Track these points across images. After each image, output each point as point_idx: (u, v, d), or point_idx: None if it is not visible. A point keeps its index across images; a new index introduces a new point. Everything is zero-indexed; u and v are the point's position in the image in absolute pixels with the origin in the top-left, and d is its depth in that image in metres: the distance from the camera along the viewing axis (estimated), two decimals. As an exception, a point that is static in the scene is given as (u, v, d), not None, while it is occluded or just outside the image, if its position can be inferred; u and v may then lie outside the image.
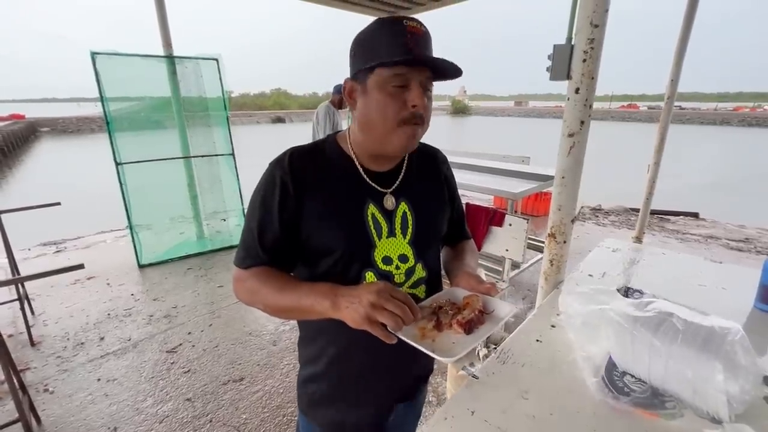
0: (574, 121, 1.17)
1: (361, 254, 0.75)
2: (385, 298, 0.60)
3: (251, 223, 0.75)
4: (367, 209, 0.76)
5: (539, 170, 3.61)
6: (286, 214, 0.72)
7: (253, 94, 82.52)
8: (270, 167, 0.75)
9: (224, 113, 3.93)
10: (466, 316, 0.70)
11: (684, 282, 1.34)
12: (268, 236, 0.73)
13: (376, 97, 0.68)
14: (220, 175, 4.08)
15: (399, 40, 0.64)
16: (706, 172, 11.27)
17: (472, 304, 0.73)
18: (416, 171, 0.84)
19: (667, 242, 4.47)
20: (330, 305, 0.64)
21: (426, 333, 0.69)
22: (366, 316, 0.59)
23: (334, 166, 0.77)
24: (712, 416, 0.73)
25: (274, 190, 0.72)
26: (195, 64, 3.76)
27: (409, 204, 0.80)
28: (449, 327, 0.70)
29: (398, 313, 0.59)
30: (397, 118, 0.68)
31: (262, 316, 2.80)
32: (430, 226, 0.84)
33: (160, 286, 3.26)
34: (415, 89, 0.67)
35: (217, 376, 2.19)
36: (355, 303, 0.61)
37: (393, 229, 0.78)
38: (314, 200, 0.73)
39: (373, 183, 0.78)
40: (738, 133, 30.48)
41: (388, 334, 0.60)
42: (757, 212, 6.40)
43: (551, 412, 0.78)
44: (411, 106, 0.67)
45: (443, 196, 0.89)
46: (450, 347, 0.66)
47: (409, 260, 0.80)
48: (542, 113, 63.69)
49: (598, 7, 1.07)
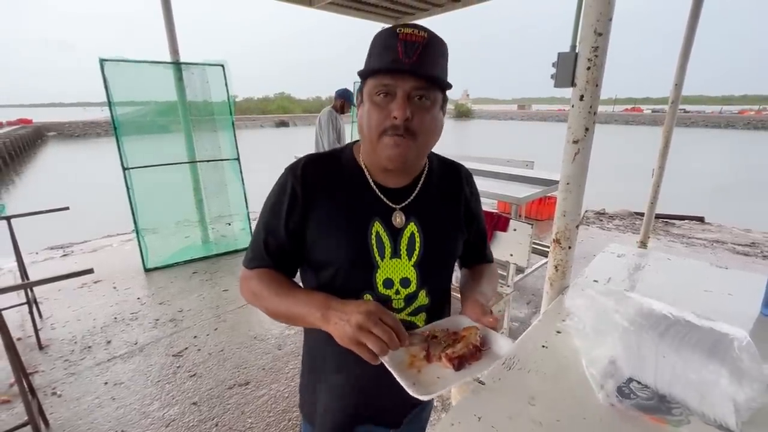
0: (579, 128, 1.17)
1: (361, 274, 0.73)
2: (373, 321, 0.58)
3: (260, 226, 0.76)
4: (371, 226, 0.73)
5: (543, 175, 3.62)
6: (292, 221, 0.73)
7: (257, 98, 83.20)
8: (284, 173, 0.76)
9: (230, 118, 3.96)
10: (457, 351, 0.66)
11: (690, 288, 1.34)
12: (273, 241, 0.75)
13: (366, 107, 0.68)
14: (225, 179, 4.11)
15: (388, 49, 0.64)
16: (711, 176, 11.21)
17: (468, 338, 0.69)
18: (434, 190, 0.81)
19: (673, 246, 4.45)
20: (320, 317, 0.64)
21: (415, 362, 0.66)
22: (352, 336, 0.59)
23: (346, 176, 0.76)
24: (719, 424, 0.74)
25: (284, 197, 0.73)
26: (201, 70, 3.80)
27: (418, 225, 0.76)
28: (438, 359, 0.66)
29: (384, 338, 0.58)
30: (379, 129, 0.66)
31: (266, 320, 2.81)
32: (440, 251, 0.79)
33: (165, 290, 3.28)
34: (399, 99, 0.64)
35: (223, 380, 2.20)
36: (343, 321, 0.60)
37: (398, 249, 0.75)
38: (321, 210, 0.73)
39: (383, 197, 0.75)
40: (743, 136, 30.28)
41: (373, 356, 0.59)
42: (763, 216, 6.35)
43: (558, 419, 0.78)
44: (393, 116, 0.65)
45: (459, 218, 0.84)
46: (434, 381, 0.62)
47: (411, 285, 0.76)
48: (545, 116, 63.64)
49: (602, 16, 1.08)
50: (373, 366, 0.61)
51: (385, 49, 0.65)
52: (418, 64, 0.63)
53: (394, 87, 0.65)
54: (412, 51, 0.63)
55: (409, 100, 0.65)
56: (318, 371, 0.85)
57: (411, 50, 0.63)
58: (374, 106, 0.67)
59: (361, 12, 4.37)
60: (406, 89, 0.65)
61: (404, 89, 0.65)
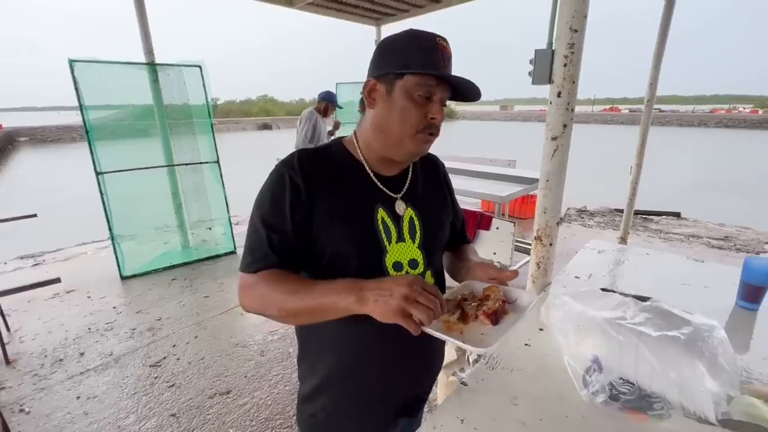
0: (557, 125, 1.18)
1: (372, 259, 0.74)
2: (418, 291, 0.58)
3: (258, 224, 0.72)
4: (377, 213, 0.76)
5: (525, 173, 3.65)
6: (298, 214, 0.71)
7: (239, 101, 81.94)
8: (277, 168, 0.74)
9: (208, 120, 3.87)
10: (491, 306, 0.69)
11: (668, 281, 1.35)
12: (278, 238, 0.70)
13: (401, 102, 0.70)
14: (205, 183, 4.02)
15: (432, 54, 0.68)
16: (687, 173, 11.58)
17: (494, 295, 0.73)
18: (421, 178, 0.86)
19: (651, 242, 4.56)
20: (355, 300, 0.61)
21: (452, 326, 0.68)
22: (399, 308, 0.58)
23: (343, 169, 0.77)
24: (699, 416, 0.74)
25: (284, 190, 0.71)
26: (178, 72, 3.70)
27: (415, 210, 0.81)
28: (475, 318, 0.69)
29: (430, 306, 0.58)
30: (417, 126, 0.71)
31: (249, 326, 2.74)
32: (437, 232, 0.85)
33: (143, 298, 3.17)
34: (437, 103, 0.71)
35: (203, 390, 2.13)
36: (385, 296, 0.59)
37: (401, 233, 0.78)
38: (325, 201, 0.72)
39: (383, 187, 0.78)
40: (715, 134, 31.46)
41: (417, 327, 0.59)
42: (736, 211, 6.58)
43: (541, 418, 0.77)
44: (431, 117, 0.71)
45: (447, 201, 0.91)
46: (479, 338, 0.65)
47: (419, 266, 0.79)
48: (527, 117, 64.79)
49: (577, 13, 1.08)
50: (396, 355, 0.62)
51: (427, 53, 0.69)
52: (459, 78, 0.70)
53: (434, 91, 0.70)
54: (447, 62, 0.70)
55: (442, 105, 0.72)
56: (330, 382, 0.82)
57: (446, 62, 0.70)
58: (414, 104, 0.70)
59: (341, 12, 4.34)
60: (444, 96, 0.72)
61: (442, 96, 0.71)
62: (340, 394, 0.81)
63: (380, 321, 0.60)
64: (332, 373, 0.81)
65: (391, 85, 0.70)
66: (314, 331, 0.81)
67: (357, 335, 0.78)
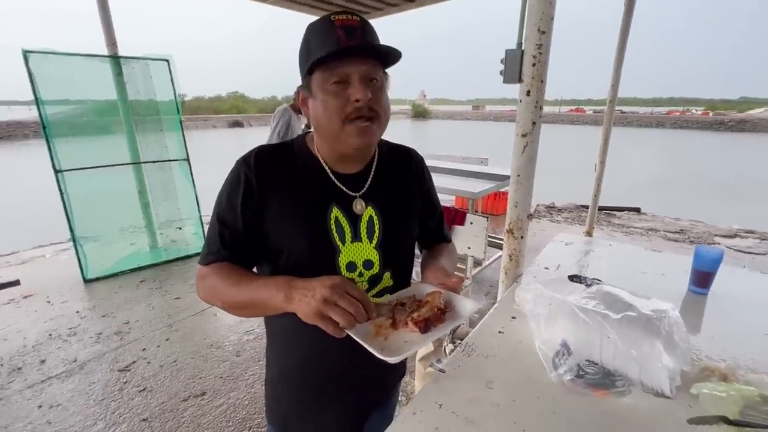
0: (527, 122, 1.23)
1: (324, 259, 0.73)
2: (338, 294, 0.57)
3: (214, 219, 0.74)
4: (330, 213, 0.74)
5: (497, 170, 3.76)
6: (249, 211, 0.71)
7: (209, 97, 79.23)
8: (236, 165, 0.74)
9: (177, 117, 3.75)
10: (422, 314, 0.66)
11: (628, 270, 1.45)
12: (229, 233, 0.72)
13: (320, 99, 0.67)
14: (174, 181, 3.88)
15: (329, 34, 0.63)
16: (646, 171, 12.24)
17: (432, 302, 0.70)
18: (386, 173, 0.82)
19: (614, 235, 4.80)
20: (284, 298, 0.61)
21: (381, 331, 0.66)
22: (317, 310, 0.56)
23: (300, 166, 0.76)
24: (656, 391, 0.80)
25: (238, 187, 0.71)
26: (143, 65, 3.56)
27: (376, 209, 0.78)
28: (405, 325, 0.66)
29: (351, 311, 0.56)
30: (342, 116, 0.66)
31: (223, 326, 2.69)
32: (399, 232, 0.81)
33: (109, 302, 3.04)
34: (356, 82, 0.64)
35: (177, 393, 2.07)
36: (308, 296, 0.58)
37: (358, 233, 0.75)
38: (278, 199, 0.72)
39: (341, 185, 0.76)
40: (671, 134, 33.41)
41: (338, 330, 0.57)
42: (690, 206, 7.04)
43: (514, 399, 0.81)
44: (354, 100, 0.64)
45: (414, 200, 0.86)
46: (401, 346, 0.63)
47: (375, 266, 0.77)
48: (498, 117, 66.34)
49: (545, 15, 1.14)
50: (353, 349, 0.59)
51: (324, 36, 0.64)
52: (363, 45, 0.64)
53: (347, 72, 0.64)
54: (353, 34, 0.63)
55: (364, 82, 0.65)
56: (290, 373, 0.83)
57: (351, 33, 0.63)
58: (330, 95, 0.65)
59: (315, 9, 4.30)
60: (361, 72, 0.65)
61: (359, 72, 0.65)
62: (306, 382, 0.83)
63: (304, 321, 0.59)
64: (294, 363, 0.82)
65: (309, 86, 0.68)
66: (277, 320, 0.81)
67: (316, 327, 0.78)
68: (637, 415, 0.75)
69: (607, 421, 0.75)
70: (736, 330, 1.08)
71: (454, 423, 0.75)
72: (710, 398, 0.73)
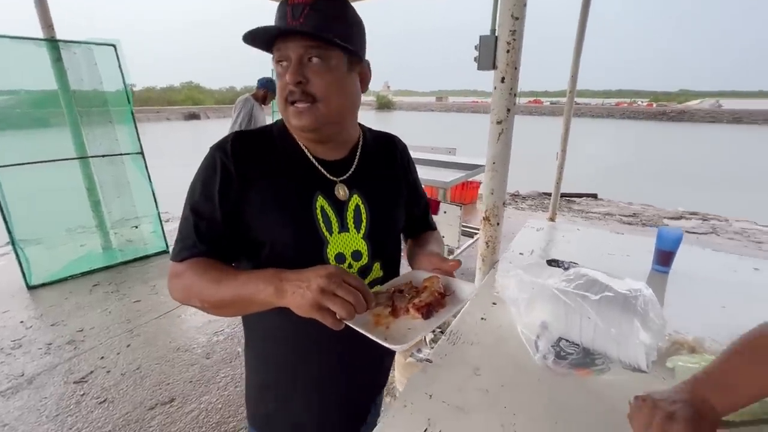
0: (502, 109, 1.23)
1: (311, 251, 0.69)
2: (336, 283, 0.53)
3: (187, 211, 0.67)
4: (315, 201, 0.70)
5: (465, 160, 3.82)
6: (228, 201, 0.66)
7: (160, 87, 74.57)
8: (210, 151, 0.68)
9: (128, 107, 3.47)
10: (424, 299, 0.65)
11: (596, 252, 1.51)
12: (206, 225, 0.66)
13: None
14: (127, 176, 3.61)
15: (281, 12, 0.63)
16: (600, 159, 12.94)
17: (431, 287, 0.68)
18: (372, 161, 0.79)
19: (575, 221, 5.05)
20: (274, 291, 0.56)
21: (381, 320, 0.64)
22: (314, 302, 0.52)
23: (281, 152, 0.72)
24: (634, 366, 0.83)
25: (215, 176, 0.66)
26: (87, 51, 3.25)
27: (362, 197, 0.75)
28: (406, 312, 0.64)
29: (350, 300, 0.53)
30: (282, 98, 0.66)
31: (190, 328, 2.55)
32: (386, 221, 0.79)
33: (59, 309, 2.79)
34: (291, 64, 0.63)
35: (142, 402, 1.94)
36: (302, 288, 0.54)
37: (345, 223, 0.72)
38: (259, 187, 0.67)
39: (323, 170, 0.72)
40: (621, 124, 35.55)
41: (336, 322, 0.54)
42: (640, 191, 7.53)
43: (502, 384, 0.81)
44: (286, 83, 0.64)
45: (399, 188, 0.84)
46: (405, 333, 0.61)
47: (363, 257, 0.74)
48: (461, 108, 67.56)
49: (518, 1, 1.14)
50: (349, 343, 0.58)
51: (278, 15, 0.64)
52: (303, 24, 0.61)
53: (287, 52, 0.63)
54: (299, 12, 0.61)
55: (303, 64, 0.63)
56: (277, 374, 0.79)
57: (297, 12, 0.61)
58: (278, 77, 0.66)
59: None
60: (298, 52, 0.63)
61: (297, 53, 0.63)
62: (291, 384, 0.78)
63: (298, 315, 0.55)
64: (280, 364, 0.78)
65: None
66: (258, 318, 0.75)
67: (302, 323, 0.71)
68: (618, 390, 0.78)
69: (591, 399, 0.77)
70: (696, 304, 1.15)
71: (445, 412, 0.74)
72: (685, 370, 0.76)
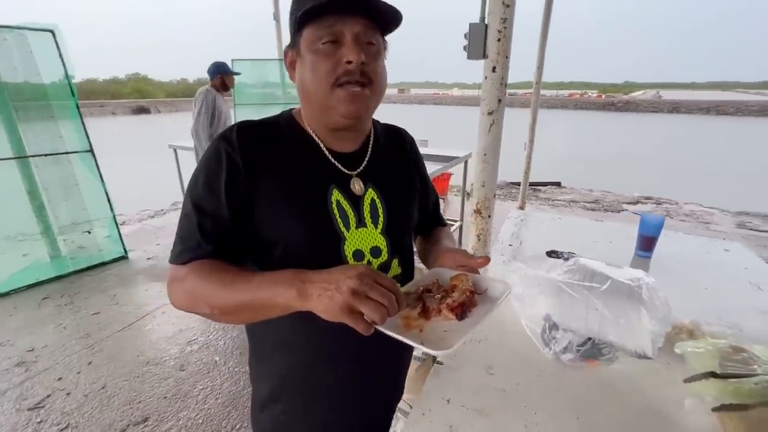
0: (493, 99, 1.21)
1: (328, 249, 0.64)
2: (368, 284, 0.48)
3: (189, 209, 0.60)
4: (330, 195, 0.65)
5: (439, 152, 3.81)
6: (235, 197, 0.59)
7: (104, 79, 69.17)
8: (214, 143, 0.61)
9: (72, 101, 3.15)
10: (456, 299, 0.59)
11: (581, 240, 1.54)
12: (212, 222, 0.59)
13: (308, 60, 0.59)
14: (76, 177, 3.29)
15: None
16: (558, 148, 13.53)
17: (461, 285, 0.62)
18: (384, 154, 0.75)
19: (543, 208, 5.24)
20: (296, 295, 0.51)
21: (411, 323, 0.57)
22: (345, 305, 0.47)
23: (291, 143, 0.66)
24: (639, 354, 0.84)
25: (220, 170, 0.59)
26: (19, 37, 2.90)
27: (377, 191, 0.70)
28: (438, 313, 0.58)
29: (384, 302, 0.48)
30: (331, 79, 0.58)
31: (159, 340, 2.38)
32: (403, 215, 0.74)
33: (2, 327, 2.51)
34: (351, 41, 0.57)
35: (111, 424, 1.78)
36: (330, 290, 0.49)
37: (362, 218, 0.67)
38: (270, 181, 0.61)
39: (337, 163, 0.67)
40: (574, 115, 37.41)
41: (368, 326, 0.49)
42: (599, 178, 7.94)
43: (517, 382, 0.80)
44: (345, 62, 0.57)
45: (413, 181, 0.80)
46: (442, 336, 0.55)
47: (383, 254, 0.69)
48: (423, 100, 68.29)
49: (509, -12, 1.11)
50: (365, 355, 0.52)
51: None
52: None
53: (341, 30, 0.57)
54: None
55: (359, 44, 0.58)
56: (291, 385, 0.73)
57: None
58: (319, 55, 0.58)
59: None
60: (355, 31, 0.57)
61: (353, 31, 0.57)
62: (297, 396, 0.73)
63: (326, 320, 0.50)
64: (288, 374, 0.72)
65: (298, 45, 0.61)
66: (266, 326, 0.69)
67: (315, 331, 0.67)
68: (629, 379, 0.79)
69: (606, 391, 0.77)
70: (681, 287, 1.20)
71: (466, 417, 0.71)
72: (693, 355, 0.78)
